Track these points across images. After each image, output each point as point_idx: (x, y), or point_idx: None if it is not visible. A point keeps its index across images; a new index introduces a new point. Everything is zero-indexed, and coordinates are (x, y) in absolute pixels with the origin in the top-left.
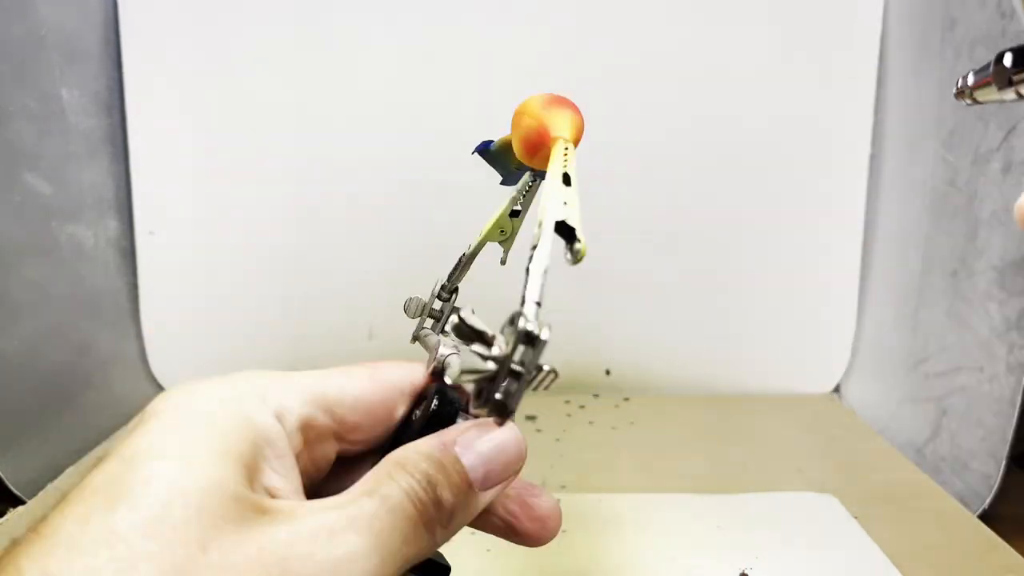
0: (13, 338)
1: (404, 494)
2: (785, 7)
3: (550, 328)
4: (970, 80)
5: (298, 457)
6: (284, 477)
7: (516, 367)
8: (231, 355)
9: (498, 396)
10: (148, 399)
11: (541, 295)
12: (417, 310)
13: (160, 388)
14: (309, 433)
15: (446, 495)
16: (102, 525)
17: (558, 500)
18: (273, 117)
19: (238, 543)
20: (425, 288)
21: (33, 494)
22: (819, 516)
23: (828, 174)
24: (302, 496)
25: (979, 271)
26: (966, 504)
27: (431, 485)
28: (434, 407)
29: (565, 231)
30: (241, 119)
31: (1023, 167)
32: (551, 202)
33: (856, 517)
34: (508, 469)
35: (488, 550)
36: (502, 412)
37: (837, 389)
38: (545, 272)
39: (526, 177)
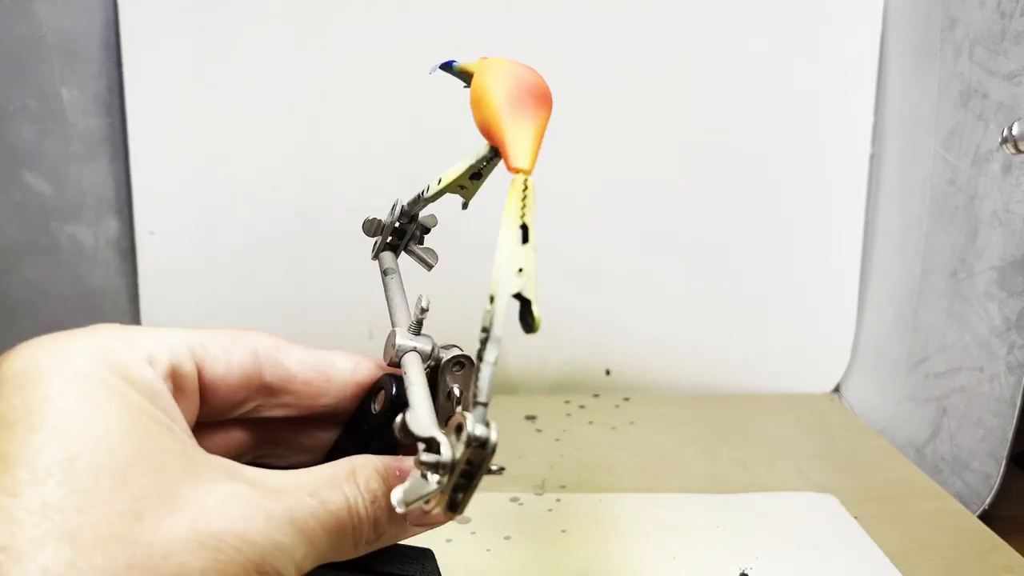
0: (13, 338)
1: (346, 503)
2: (785, 7)
3: (497, 429)
4: (1015, 130)
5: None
6: (182, 425)
7: (466, 468)
8: None
9: (448, 495)
10: None
11: (489, 393)
12: (374, 228)
13: None
14: (178, 384)
15: (384, 519)
16: (35, 499)
17: None
18: (273, 117)
19: (172, 512)
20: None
21: None
22: (819, 516)
23: (828, 174)
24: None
25: (979, 271)
26: (966, 504)
27: (374, 504)
28: (390, 401)
29: (521, 303)
30: (242, 119)
31: (1023, 167)
32: (505, 272)
33: (856, 517)
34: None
35: (488, 550)
36: (453, 508)
37: (837, 389)
38: (495, 363)
39: (485, 150)
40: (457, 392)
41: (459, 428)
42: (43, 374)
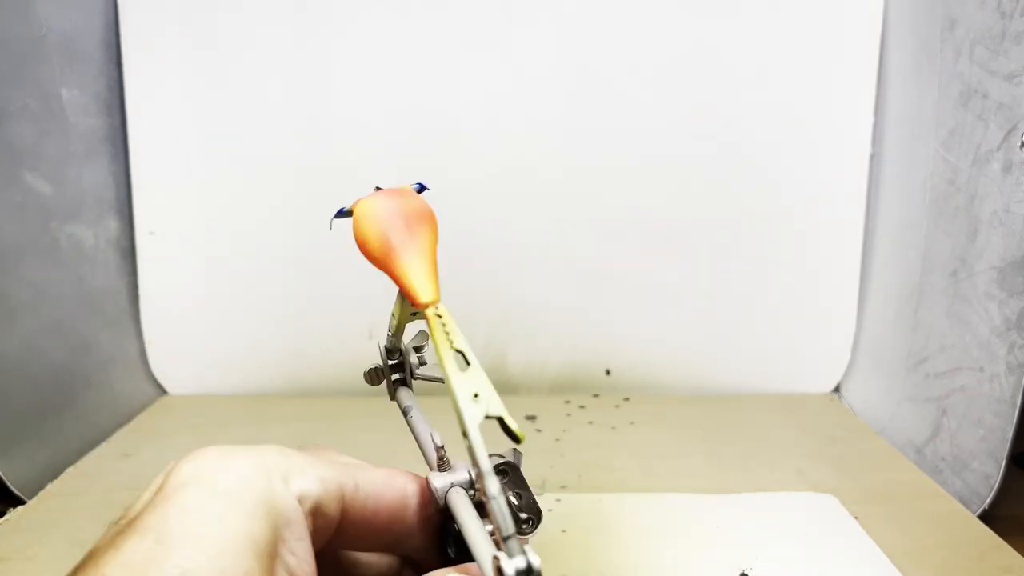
0: (13, 338)
1: None
2: (785, 7)
3: (536, 554)
4: None
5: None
6: (302, 561)
7: None
8: (231, 355)
9: None
10: (148, 399)
11: (510, 523)
12: (376, 376)
13: (160, 388)
14: (317, 521)
15: None
16: None
17: None
18: (273, 117)
19: None
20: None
21: (33, 494)
22: (819, 516)
23: (828, 174)
24: None
25: (979, 271)
26: (966, 504)
27: None
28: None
29: (497, 421)
30: (241, 119)
31: (1023, 167)
32: (464, 404)
33: (856, 517)
34: None
35: None
36: None
37: (837, 389)
38: (500, 493)
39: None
40: (515, 500)
41: (500, 572)
42: (190, 492)
